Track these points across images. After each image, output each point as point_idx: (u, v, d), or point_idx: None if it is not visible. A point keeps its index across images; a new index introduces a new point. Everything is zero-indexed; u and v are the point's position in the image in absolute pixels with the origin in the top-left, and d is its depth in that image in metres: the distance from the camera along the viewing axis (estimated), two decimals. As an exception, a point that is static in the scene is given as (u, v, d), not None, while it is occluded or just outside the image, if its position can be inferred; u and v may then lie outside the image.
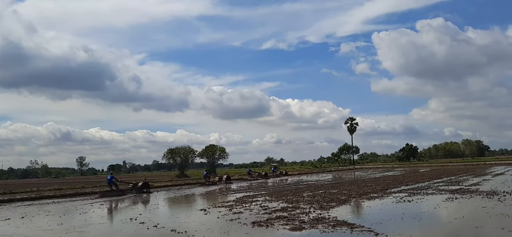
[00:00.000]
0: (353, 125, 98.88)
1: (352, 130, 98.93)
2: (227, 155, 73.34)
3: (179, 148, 67.64)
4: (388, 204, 15.66)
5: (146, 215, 15.65)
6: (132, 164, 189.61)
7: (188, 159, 68.36)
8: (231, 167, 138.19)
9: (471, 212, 12.72)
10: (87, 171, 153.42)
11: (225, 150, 73.41)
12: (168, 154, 67.39)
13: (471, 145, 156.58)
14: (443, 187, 21.91)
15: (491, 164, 60.91)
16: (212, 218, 13.81)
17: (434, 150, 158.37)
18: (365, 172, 53.94)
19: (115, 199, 24.33)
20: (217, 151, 72.78)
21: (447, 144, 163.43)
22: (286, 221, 12.07)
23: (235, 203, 17.91)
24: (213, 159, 72.42)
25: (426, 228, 10.56)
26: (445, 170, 46.23)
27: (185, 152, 67.42)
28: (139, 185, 30.08)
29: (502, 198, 15.68)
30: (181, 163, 66.46)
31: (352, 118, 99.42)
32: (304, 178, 42.76)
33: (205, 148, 73.06)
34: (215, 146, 74.03)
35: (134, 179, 44.76)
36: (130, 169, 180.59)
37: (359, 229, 10.33)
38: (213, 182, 38.28)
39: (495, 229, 9.86)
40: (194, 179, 46.49)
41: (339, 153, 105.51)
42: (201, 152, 71.87)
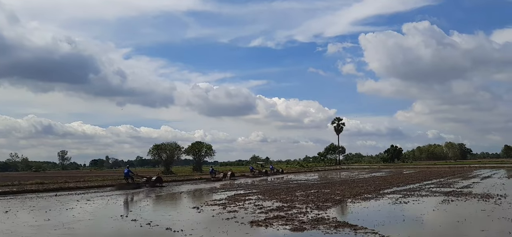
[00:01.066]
0: (340, 125, 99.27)
1: (338, 130, 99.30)
2: (213, 152, 72.68)
3: (165, 144, 66.93)
4: (385, 205, 15.43)
5: (137, 212, 15.13)
6: (115, 160, 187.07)
7: (174, 155, 67.56)
8: (216, 164, 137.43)
9: (472, 215, 12.53)
10: (69, 166, 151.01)
11: (212, 148, 72.78)
12: (154, 150, 66.52)
13: (454, 148, 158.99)
14: (435, 189, 21.84)
15: (476, 167, 61.66)
16: (206, 216, 13.38)
17: (417, 152, 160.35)
18: (352, 172, 54.00)
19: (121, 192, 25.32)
20: (203, 148, 72.07)
21: (430, 146, 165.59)
22: (285, 221, 11.70)
23: (228, 202, 17.49)
24: (200, 156, 71.67)
25: (430, 231, 10.32)
26: (431, 172, 46.51)
27: (171, 149, 66.64)
28: (153, 179, 31.09)
29: (498, 201, 15.60)
30: (167, 160, 65.63)
31: (339, 118, 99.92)
32: (292, 177, 42.51)
33: (192, 145, 72.34)
34: (201, 143, 73.40)
35: (117, 174, 45.76)
36: (113, 164, 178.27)
37: (363, 231, 10.01)
38: (218, 178, 39.00)
39: (502, 234, 9.66)
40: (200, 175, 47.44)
41: (326, 153, 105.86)
42: (187, 148, 71.09)
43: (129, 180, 29.85)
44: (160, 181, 31.70)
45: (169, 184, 33.25)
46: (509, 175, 36.65)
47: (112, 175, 53.84)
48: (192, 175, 47.70)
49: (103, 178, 40.87)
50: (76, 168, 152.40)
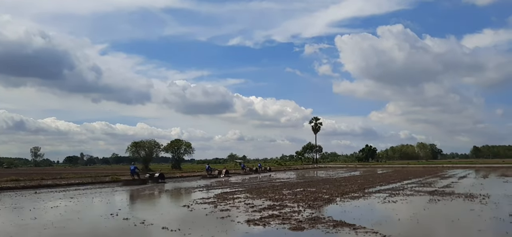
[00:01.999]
0: (317, 125, 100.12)
1: (316, 130, 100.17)
2: (192, 150, 72.20)
3: (144, 141, 66.09)
4: (376, 204, 15.64)
5: (126, 210, 14.86)
6: (90, 157, 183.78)
7: (153, 153, 66.76)
8: (193, 162, 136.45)
9: (463, 215, 12.82)
10: (42, 162, 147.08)
11: (191, 145, 72.28)
12: (132, 147, 65.56)
13: (426, 148, 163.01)
14: (418, 189, 22.25)
15: (449, 167, 63.30)
16: (199, 215, 13.25)
17: (391, 152, 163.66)
18: (331, 171, 54.54)
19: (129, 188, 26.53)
20: (182, 146, 71.48)
21: (403, 146, 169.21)
22: (282, 220, 11.69)
23: (218, 200, 17.38)
24: (178, 154, 71.04)
25: (427, 230, 10.48)
26: (408, 172, 47.47)
27: (150, 146, 65.84)
28: (156, 175, 33.00)
29: (483, 201, 16.00)
30: (146, 157, 64.77)
31: (317, 117, 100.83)
32: (273, 176, 42.61)
33: (171, 142, 71.69)
34: (180, 141, 72.75)
35: (94, 172, 48.64)
36: (87, 161, 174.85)
37: (362, 230, 10.10)
38: (214, 175, 40.58)
39: (499, 234, 9.95)
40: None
41: (303, 152, 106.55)
42: (166, 146, 70.39)
43: (135, 176, 31.26)
44: (163, 178, 33.19)
45: (165, 181, 33.95)
46: (483, 175, 37.76)
47: (89, 172, 52.85)
48: (193, 172, 48.74)
49: (80, 175, 40.00)
50: (49, 165, 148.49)
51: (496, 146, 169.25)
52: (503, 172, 44.91)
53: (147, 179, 32.23)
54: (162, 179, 32.77)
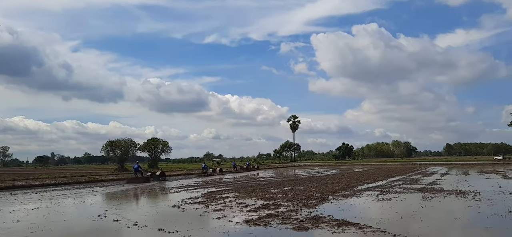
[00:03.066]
0: (295, 123, 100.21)
1: (294, 128, 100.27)
2: (170, 149, 70.91)
3: (120, 140, 64.27)
4: (370, 202, 15.33)
5: (113, 211, 14.06)
6: (61, 156, 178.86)
7: (129, 152, 65.15)
8: (168, 162, 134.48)
9: (463, 212, 12.66)
10: (10, 162, 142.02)
11: (168, 144, 70.95)
12: (107, 147, 63.70)
13: (400, 146, 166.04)
14: (406, 186, 22.17)
15: (426, 165, 64.30)
16: (193, 216, 12.66)
17: (366, 150, 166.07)
18: (311, 169, 54.45)
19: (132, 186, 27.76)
20: (159, 145, 70.10)
21: (378, 144, 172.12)
22: (282, 220, 11.22)
23: (207, 200, 16.78)
24: (155, 153, 69.64)
25: (435, 229, 10.17)
26: (388, 169, 47.80)
27: (126, 145, 64.17)
28: (157, 174, 34.57)
29: (476, 198, 15.96)
30: (121, 156, 63.14)
31: (295, 116, 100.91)
32: (255, 174, 42.12)
33: (147, 141, 70.16)
34: (157, 140, 71.27)
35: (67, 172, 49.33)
36: (58, 161, 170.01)
37: (369, 229, 9.73)
38: (209, 173, 42.05)
39: (506, 231, 9.76)
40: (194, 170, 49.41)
41: (281, 150, 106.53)
42: (143, 145, 68.84)
43: (138, 174, 32.19)
44: (163, 175, 34.73)
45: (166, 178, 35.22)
46: (464, 172, 38.33)
47: (62, 172, 51.04)
48: (192, 170, 49.17)
49: (54, 175, 38.48)
50: (18, 165, 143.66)
51: (468, 143, 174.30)
52: (481, 168, 45.79)
53: (149, 177, 33.44)
54: (163, 177, 34.15)
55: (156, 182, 30.82)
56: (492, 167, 48.81)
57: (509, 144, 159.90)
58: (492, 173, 34.02)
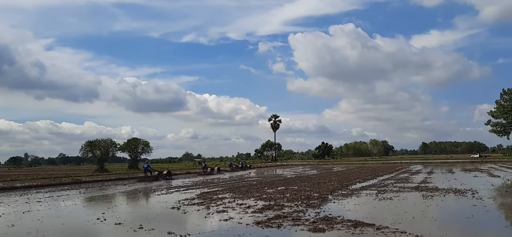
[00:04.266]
0: (276, 123, 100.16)
1: (275, 127, 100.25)
2: (151, 149, 69.62)
3: (99, 140, 62.72)
4: (373, 202, 15.15)
5: (110, 213, 13.43)
6: (35, 157, 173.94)
7: (109, 152, 63.66)
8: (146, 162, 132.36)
9: (471, 211, 12.51)
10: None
11: (149, 144, 69.65)
12: (86, 147, 62.06)
13: (378, 145, 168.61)
14: (400, 185, 22.18)
15: (407, 163, 65.24)
16: (197, 217, 12.18)
17: (345, 149, 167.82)
18: (294, 169, 54.41)
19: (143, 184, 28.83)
20: (140, 145, 68.75)
21: (356, 143, 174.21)
22: (293, 222, 10.89)
23: (204, 200, 16.32)
24: (136, 153, 68.27)
25: (453, 230, 10.03)
26: (372, 168, 48.18)
27: (106, 145, 62.67)
28: (164, 173, 36.07)
29: (476, 196, 15.99)
30: (101, 157, 61.61)
31: (276, 115, 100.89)
32: (242, 174, 41.70)
33: (128, 141, 68.68)
34: (138, 140, 69.86)
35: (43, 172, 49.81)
36: (32, 162, 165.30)
37: (388, 230, 9.48)
38: (208, 173, 42.94)
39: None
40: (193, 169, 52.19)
41: (262, 150, 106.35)
42: (123, 145, 67.35)
43: (147, 173, 34.45)
44: (170, 174, 36.41)
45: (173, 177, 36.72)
46: (448, 170, 38.92)
47: (38, 173, 49.44)
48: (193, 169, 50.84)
49: (33, 177, 37.11)
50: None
51: (443, 142, 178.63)
52: (463, 167, 46.67)
53: (158, 175, 34.82)
54: (169, 176, 35.78)
55: (163, 181, 31.79)
56: (472, 165, 49.82)
57: (482, 143, 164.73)
58: (477, 171, 34.61)
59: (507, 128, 78.46)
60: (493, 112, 79.71)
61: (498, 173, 32.12)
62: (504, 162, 58.35)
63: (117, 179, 34.82)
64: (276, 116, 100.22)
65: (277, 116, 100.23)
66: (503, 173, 32.34)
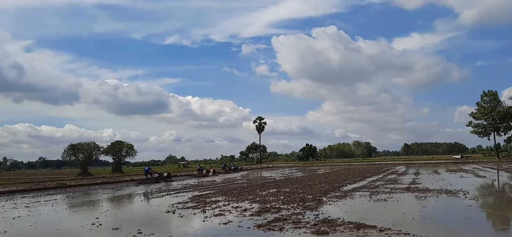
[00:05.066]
0: (261, 124, 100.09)
1: (260, 129, 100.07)
2: (135, 152, 68.76)
3: (82, 144, 61.65)
4: (369, 203, 15.20)
5: (104, 218, 13.14)
6: (14, 161, 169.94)
7: (92, 156, 62.60)
8: (128, 165, 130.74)
9: (469, 211, 12.67)
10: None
11: (133, 147, 68.79)
12: (69, 150, 60.87)
13: (361, 146, 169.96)
14: (390, 186, 22.32)
15: (391, 164, 65.94)
16: (194, 220, 11.98)
17: (328, 150, 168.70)
18: (282, 171, 54.43)
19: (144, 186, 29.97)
20: (124, 148, 67.85)
21: (340, 145, 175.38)
22: (294, 224, 10.84)
23: (199, 204, 16.14)
24: (120, 157, 67.31)
25: (455, 230, 10.11)
26: (358, 169, 48.50)
27: (89, 149, 61.62)
28: (165, 175, 37.20)
29: (468, 196, 16.23)
30: (84, 161, 60.51)
31: (261, 117, 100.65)
32: (229, 177, 41.48)
33: (111, 144, 67.76)
34: (121, 143, 69.00)
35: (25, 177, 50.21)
36: (11, 166, 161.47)
37: (390, 231, 9.50)
38: (204, 175, 44.84)
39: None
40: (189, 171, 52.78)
41: (247, 152, 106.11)
42: (107, 148, 66.36)
43: (148, 175, 35.97)
44: (170, 176, 37.71)
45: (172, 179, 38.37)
46: (434, 170, 39.46)
47: (19, 177, 48.35)
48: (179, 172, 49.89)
49: (14, 181, 36.41)
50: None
51: (424, 143, 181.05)
52: (447, 167, 47.40)
53: (158, 178, 35.89)
54: (169, 178, 37.13)
55: (163, 183, 32.79)
56: (456, 166, 50.66)
57: (462, 143, 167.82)
58: (462, 172, 35.16)
59: (488, 129, 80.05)
60: (474, 113, 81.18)
61: (483, 173, 32.70)
62: (485, 163, 59.55)
63: (103, 183, 34.28)
64: (261, 118, 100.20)
65: (262, 118, 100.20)
66: (487, 173, 32.96)
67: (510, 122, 77.56)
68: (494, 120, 77.54)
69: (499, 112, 76.86)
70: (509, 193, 18.20)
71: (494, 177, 28.72)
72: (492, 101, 78.50)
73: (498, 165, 49.58)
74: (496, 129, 79.80)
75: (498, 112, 76.87)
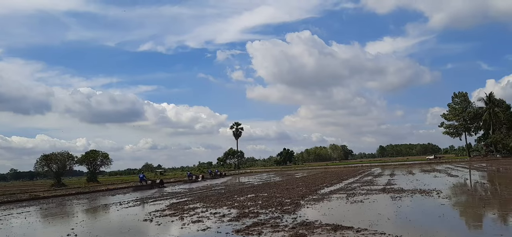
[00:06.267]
0: (238, 130, 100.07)
1: (237, 135, 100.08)
2: (110, 161, 67.51)
3: (56, 154, 60.14)
4: (346, 205, 15.37)
5: (80, 229, 12.86)
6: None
7: (66, 166, 61.15)
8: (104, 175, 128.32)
9: (442, 210, 12.94)
10: None
11: (108, 156, 67.53)
12: (42, 161, 59.33)
13: (338, 149, 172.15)
14: (367, 188, 22.65)
15: (367, 166, 66.87)
16: (173, 227, 11.87)
17: (306, 154, 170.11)
18: (260, 176, 54.48)
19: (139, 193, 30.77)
20: (99, 157, 66.53)
21: (317, 148, 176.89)
22: (272, 228, 10.89)
23: (176, 211, 16.00)
24: (95, 166, 65.96)
25: (430, 228, 10.34)
26: (336, 172, 49.04)
27: (63, 159, 60.19)
28: (157, 181, 39.71)
29: (442, 195, 16.64)
30: (58, 171, 59.05)
31: (238, 123, 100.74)
32: (208, 183, 41.25)
33: (86, 153, 66.27)
34: (96, 152, 67.60)
35: None
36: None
37: (367, 232, 9.65)
38: (194, 180, 48.30)
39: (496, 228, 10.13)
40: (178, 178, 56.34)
41: (225, 158, 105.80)
42: (81, 158, 64.93)
43: (143, 182, 38.04)
44: (162, 183, 40.09)
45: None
46: (408, 171, 40.25)
47: None
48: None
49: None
50: None
51: (399, 145, 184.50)
52: (421, 168, 48.42)
53: (152, 184, 38.11)
54: (162, 184, 39.32)
55: (157, 189, 34.91)
56: (429, 166, 51.80)
57: (435, 144, 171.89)
58: (435, 172, 35.99)
59: (459, 129, 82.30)
60: (445, 115, 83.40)
61: (455, 173, 33.55)
62: (457, 163, 61.15)
63: (78, 193, 33.58)
64: (238, 123, 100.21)
65: (239, 124, 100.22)
66: (460, 172, 33.84)
67: (480, 122, 79.95)
68: (465, 120, 79.78)
69: (470, 113, 79.13)
70: (480, 192, 18.71)
71: (466, 176, 29.52)
72: (463, 102, 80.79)
73: (470, 165, 51.00)
74: (467, 130, 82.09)
75: (469, 113, 79.11)
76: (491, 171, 35.10)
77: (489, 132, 78.11)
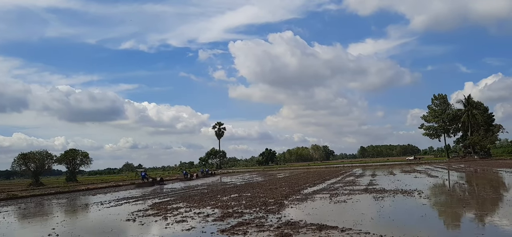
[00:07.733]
0: (221, 130, 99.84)
1: (220, 135, 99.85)
2: (90, 160, 66.54)
3: (34, 153, 58.95)
4: (330, 205, 15.49)
5: (61, 228, 12.62)
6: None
7: (45, 165, 59.96)
8: (83, 174, 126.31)
9: (424, 210, 13.16)
10: None
11: (88, 155, 66.54)
12: (20, 160, 58.05)
13: (319, 150, 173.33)
14: (349, 188, 22.86)
15: (349, 167, 67.55)
16: (156, 227, 11.76)
17: (287, 155, 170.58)
18: (243, 176, 54.45)
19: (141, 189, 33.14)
20: (78, 156, 65.51)
21: (299, 148, 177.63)
22: (257, 228, 10.90)
23: (159, 211, 15.87)
24: (74, 165, 64.91)
25: (412, 228, 10.50)
26: (318, 173, 49.36)
27: (41, 158, 59.02)
28: (158, 179, 42.16)
29: (423, 195, 16.93)
30: (36, 170, 57.86)
31: (220, 122, 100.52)
32: (191, 184, 41.03)
33: (65, 153, 65.19)
34: (76, 151, 66.59)
35: None
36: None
37: (352, 231, 9.74)
38: (189, 179, 50.76)
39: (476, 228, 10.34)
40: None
41: (207, 158, 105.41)
42: (60, 157, 63.80)
43: (144, 180, 40.43)
44: (162, 181, 42.44)
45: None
46: (389, 172, 40.81)
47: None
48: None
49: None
50: None
51: (379, 145, 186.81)
52: (402, 168, 49.17)
53: (153, 182, 40.08)
54: (162, 182, 41.50)
55: (157, 186, 36.93)
56: (409, 167, 52.63)
57: (415, 145, 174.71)
58: (416, 173, 36.59)
59: (439, 131, 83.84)
60: (425, 116, 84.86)
61: (435, 173, 34.18)
62: (437, 164, 62.31)
63: (57, 193, 32.95)
64: (221, 123, 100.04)
65: (221, 124, 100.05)
66: (439, 173, 34.49)
67: (458, 124, 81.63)
68: (444, 122, 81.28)
69: (449, 115, 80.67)
70: (459, 192, 19.12)
71: (445, 177, 30.08)
72: (442, 104, 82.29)
73: (449, 166, 52.04)
74: (446, 131, 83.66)
75: (448, 114, 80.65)
76: (469, 172, 35.85)
77: (467, 134, 79.87)
